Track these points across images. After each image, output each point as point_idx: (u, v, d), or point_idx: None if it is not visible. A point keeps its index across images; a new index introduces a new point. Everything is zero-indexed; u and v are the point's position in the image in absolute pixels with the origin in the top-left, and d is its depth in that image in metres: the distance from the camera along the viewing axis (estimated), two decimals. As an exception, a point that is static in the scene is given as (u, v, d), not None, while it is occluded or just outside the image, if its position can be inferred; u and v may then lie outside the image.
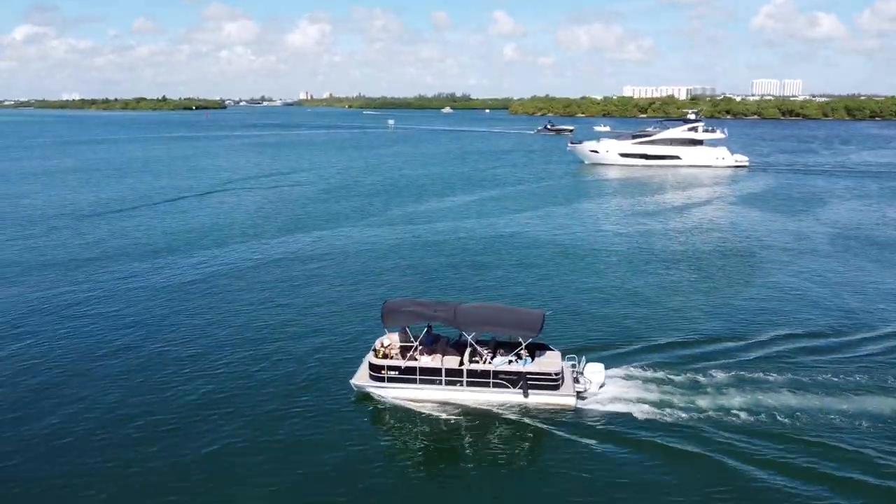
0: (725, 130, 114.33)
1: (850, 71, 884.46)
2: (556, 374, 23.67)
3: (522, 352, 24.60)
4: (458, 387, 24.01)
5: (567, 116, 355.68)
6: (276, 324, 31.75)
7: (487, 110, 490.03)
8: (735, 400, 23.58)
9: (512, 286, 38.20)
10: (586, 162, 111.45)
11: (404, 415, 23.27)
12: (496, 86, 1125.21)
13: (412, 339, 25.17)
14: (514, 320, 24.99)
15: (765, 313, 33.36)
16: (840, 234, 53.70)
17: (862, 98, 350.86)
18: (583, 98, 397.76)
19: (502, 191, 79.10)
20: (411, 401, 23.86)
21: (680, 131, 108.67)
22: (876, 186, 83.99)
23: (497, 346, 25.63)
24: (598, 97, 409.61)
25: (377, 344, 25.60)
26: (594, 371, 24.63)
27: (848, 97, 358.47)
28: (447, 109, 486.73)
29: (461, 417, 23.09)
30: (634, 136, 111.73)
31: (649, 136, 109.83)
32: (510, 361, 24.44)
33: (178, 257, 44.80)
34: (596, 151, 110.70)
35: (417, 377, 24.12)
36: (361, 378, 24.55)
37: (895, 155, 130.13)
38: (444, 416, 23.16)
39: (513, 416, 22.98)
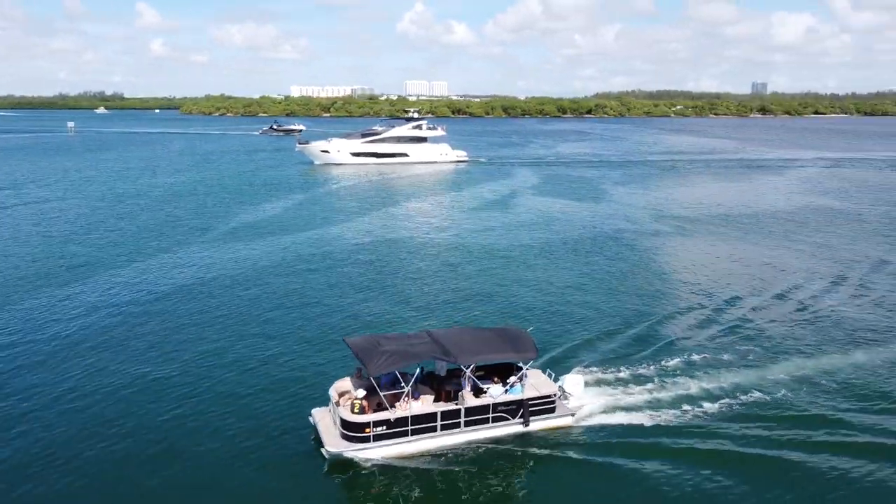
0: (445, 127, 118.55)
1: (486, 73, 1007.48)
2: (553, 396, 21.95)
3: (512, 378, 21.92)
4: (455, 430, 20.69)
5: (249, 116, 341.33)
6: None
7: (157, 110, 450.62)
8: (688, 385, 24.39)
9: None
10: (317, 162, 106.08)
11: (391, 473, 19.05)
12: (148, 84, 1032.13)
13: (370, 381, 20.25)
14: (510, 343, 21.95)
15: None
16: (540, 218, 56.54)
17: (509, 98, 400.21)
18: (262, 97, 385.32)
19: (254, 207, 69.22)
20: (400, 457, 19.87)
21: (406, 129, 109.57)
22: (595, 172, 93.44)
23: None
24: (278, 96, 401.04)
25: (334, 395, 20.85)
26: (574, 384, 23.23)
27: (503, 97, 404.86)
28: (101, 109, 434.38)
29: (457, 463, 19.66)
30: (364, 136, 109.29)
31: (378, 134, 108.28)
32: (505, 391, 21.57)
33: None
34: (327, 151, 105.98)
35: (409, 428, 20.13)
36: (335, 442, 19.76)
37: (577, 146, 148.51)
38: (436, 466, 19.52)
39: (514, 448, 20.48)
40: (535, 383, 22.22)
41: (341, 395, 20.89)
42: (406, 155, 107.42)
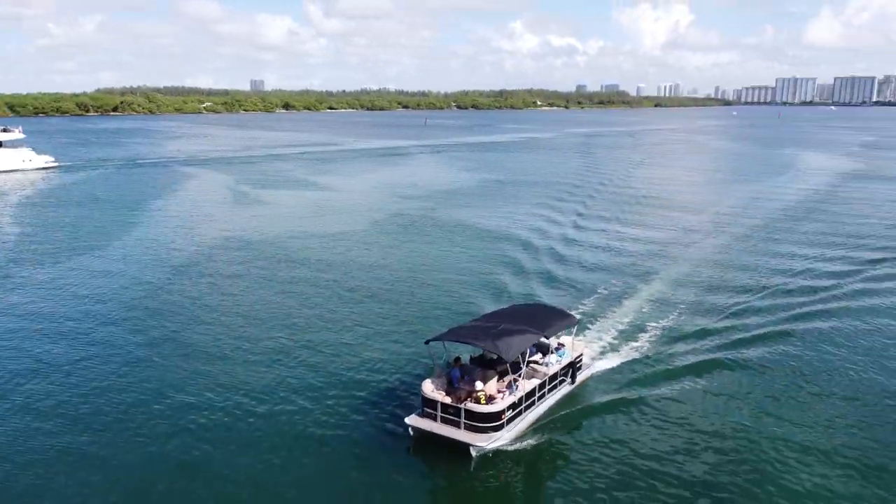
0: (20, 129, 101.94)
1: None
2: (582, 354, 25.14)
3: (555, 343, 24.74)
4: (543, 399, 22.74)
5: None
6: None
7: None
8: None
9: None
10: None
11: (519, 453, 20.59)
12: None
13: (447, 376, 22.11)
14: (556, 316, 25.00)
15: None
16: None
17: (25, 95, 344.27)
18: None
19: None
20: (519, 436, 21.20)
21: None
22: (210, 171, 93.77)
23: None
24: None
25: (432, 392, 21.14)
26: (575, 342, 25.56)
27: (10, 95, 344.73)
28: None
29: (550, 429, 21.84)
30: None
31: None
32: (558, 357, 24.16)
33: None
34: None
35: (523, 406, 21.75)
36: (477, 438, 20.12)
37: (161, 145, 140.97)
38: (544, 436, 21.37)
39: (567, 411, 23.01)
40: (569, 345, 24.88)
41: (452, 393, 21.25)
42: None
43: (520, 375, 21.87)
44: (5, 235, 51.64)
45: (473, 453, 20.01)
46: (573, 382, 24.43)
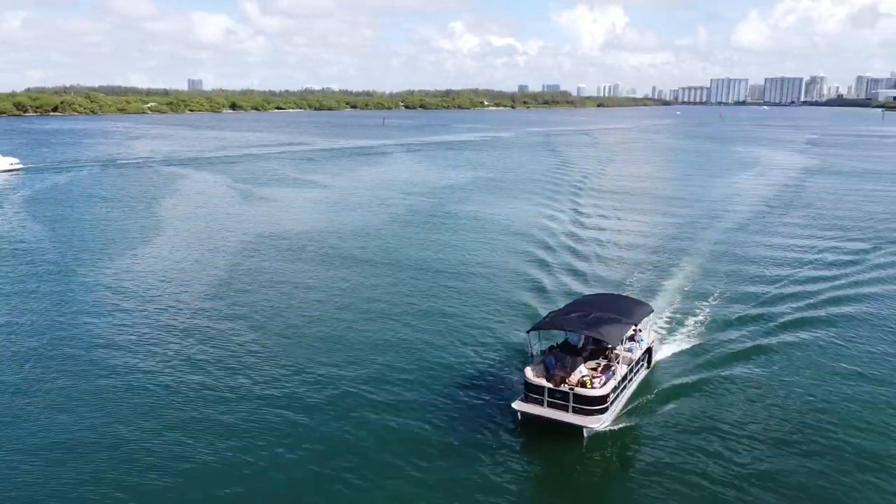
0: None
1: None
2: (653, 339, 27.11)
3: (638, 330, 26.47)
4: (632, 382, 24.53)
5: None
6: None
7: None
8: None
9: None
10: None
11: (623, 431, 22.57)
12: None
13: (545, 362, 23.91)
14: (636, 305, 27.20)
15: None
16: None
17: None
18: None
19: None
20: (617, 415, 23.11)
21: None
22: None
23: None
24: None
25: (536, 378, 22.81)
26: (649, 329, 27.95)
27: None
28: None
29: (644, 413, 23.58)
30: None
31: None
32: (639, 344, 25.94)
33: None
34: None
35: (620, 386, 23.49)
36: (588, 420, 21.80)
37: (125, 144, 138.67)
38: (636, 418, 23.20)
39: (647, 393, 24.87)
40: (638, 330, 26.45)
41: (550, 379, 22.73)
42: None
43: (618, 361, 23.90)
44: (27, 240, 51.45)
45: (586, 434, 21.55)
46: (649, 367, 26.49)
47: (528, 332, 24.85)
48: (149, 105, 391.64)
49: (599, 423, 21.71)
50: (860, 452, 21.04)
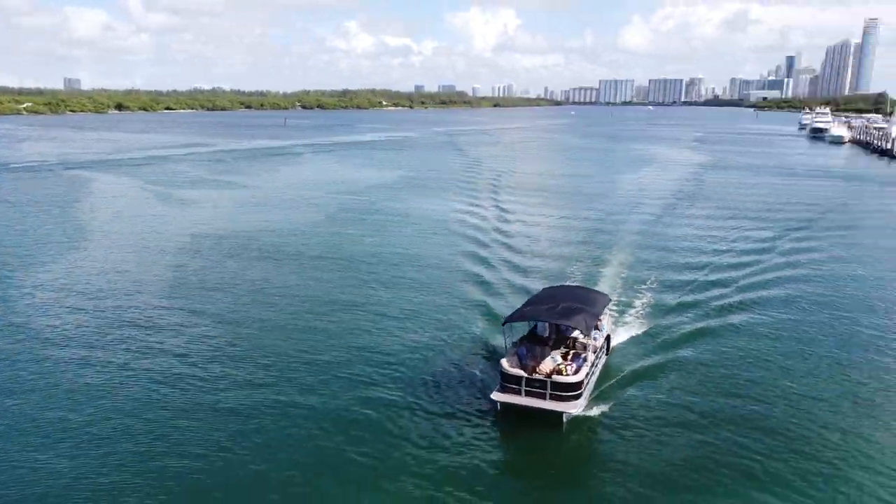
0: None
1: None
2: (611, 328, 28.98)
3: (601, 321, 27.76)
4: (596, 367, 25.75)
5: None
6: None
7: None
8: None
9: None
10: None
11: (598, 414, 23.92)
12: None
13: (517, 351, 25.16)
14: (597, 295, 28.99)
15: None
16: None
17: None
18: None
19: None
20: (590, 398, 24.46)
21: None
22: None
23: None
24: None
25: (513, 369, 23.90)
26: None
27: None
28: None
29: (615, 398, 25.00)
30: None
31: None
32: (601, 332, 27.50)
33: None
34: None
35: (592, 373, 24.88)
36: (566, 406, 22.92)
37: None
38: (614, 402, 24.66)
39: (608, 378, 26.35)
40: (598, 320, 27.16)
41: (524, 368, 23.87)
42: None
43: (585, 348, 25.47)
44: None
45: (565, 419, 22.70)
46: (607, 353, 27.87)
47: (503, 324, 25.89)
48: (24, 105, 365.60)
49: (576, 408, 22.93)
50: (794, 413, 23.84)
